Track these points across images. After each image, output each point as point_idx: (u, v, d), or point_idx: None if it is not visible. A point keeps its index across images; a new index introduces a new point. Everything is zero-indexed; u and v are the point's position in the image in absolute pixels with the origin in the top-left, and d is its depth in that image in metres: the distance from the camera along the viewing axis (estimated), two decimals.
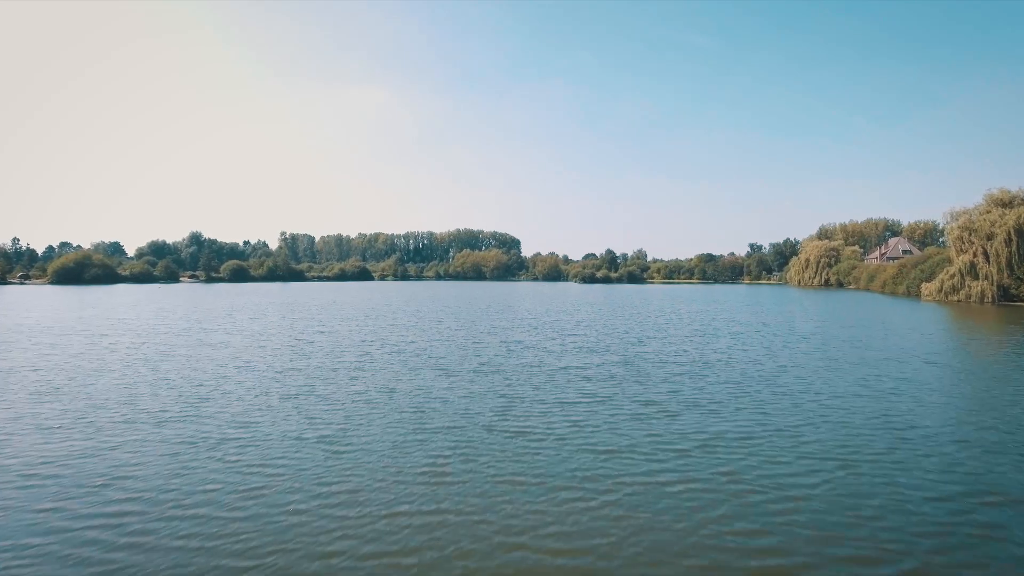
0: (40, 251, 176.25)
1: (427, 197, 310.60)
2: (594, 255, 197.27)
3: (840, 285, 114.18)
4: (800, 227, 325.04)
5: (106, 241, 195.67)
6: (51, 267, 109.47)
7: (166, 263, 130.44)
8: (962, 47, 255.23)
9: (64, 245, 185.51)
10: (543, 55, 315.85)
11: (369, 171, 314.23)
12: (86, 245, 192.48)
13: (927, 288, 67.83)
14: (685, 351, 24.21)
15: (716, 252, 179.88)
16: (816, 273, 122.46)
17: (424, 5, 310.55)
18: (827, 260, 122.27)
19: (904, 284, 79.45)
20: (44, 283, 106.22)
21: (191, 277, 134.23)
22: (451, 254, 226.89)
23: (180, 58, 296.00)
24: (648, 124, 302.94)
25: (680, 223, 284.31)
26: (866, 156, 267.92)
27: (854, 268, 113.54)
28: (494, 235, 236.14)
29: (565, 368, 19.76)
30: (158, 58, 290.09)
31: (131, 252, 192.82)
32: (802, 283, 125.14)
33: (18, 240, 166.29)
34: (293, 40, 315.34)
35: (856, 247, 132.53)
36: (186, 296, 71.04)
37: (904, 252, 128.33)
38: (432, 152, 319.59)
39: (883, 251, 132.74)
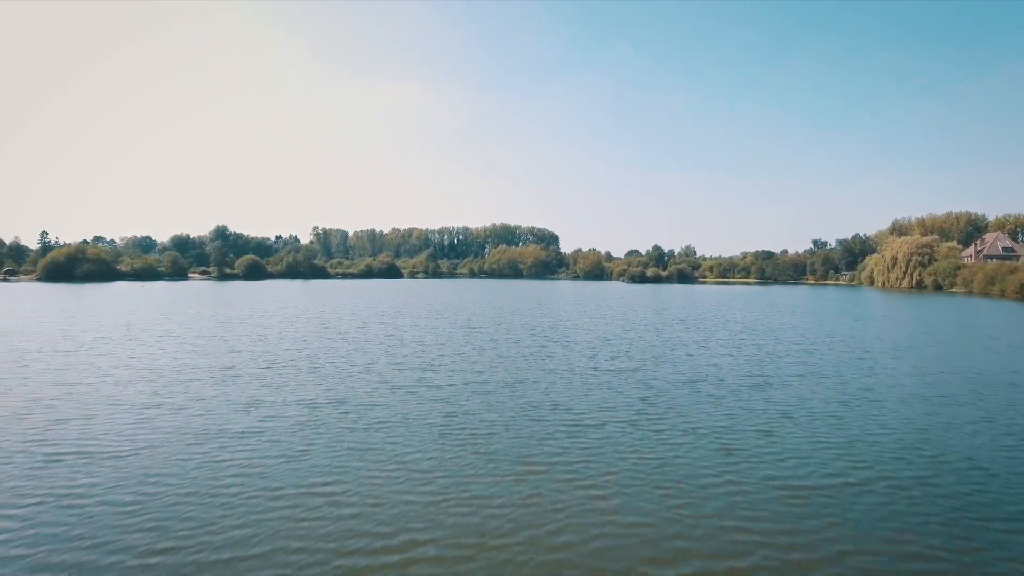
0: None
1: (464, 192, 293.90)
2: (638, 252, 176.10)
3: (938, 288, 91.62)
4: (861, 223, 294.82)
5: (138, 236, 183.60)
6: (41, 262, 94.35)
7: (171, 257, 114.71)
8: (979, 44, 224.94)
9: (98, 239, 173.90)
10: (583, 50, 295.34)
11: (406, 166, 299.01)
12: (118, 240, 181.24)
13: None
14: None
15: (767, 249, 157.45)
16: (905, 273, 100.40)
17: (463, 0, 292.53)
18: (920, 258, 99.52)
19: None
20: (32, 279, 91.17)
21: (202, 273, 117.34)
22: (487, 250, 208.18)
23: (218, 48, 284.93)
24: (689, 118, 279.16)
25: (726, 219, 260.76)
26: (920, 149, 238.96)
27: (958, 268, 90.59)
28: (532, 230, 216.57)
29: None
30: (172, 52, 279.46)
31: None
32: (887, 284, 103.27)
33: (46, 234, 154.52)
34: (334, 35, 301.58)
35: (954, 243, 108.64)
36: (135, 300, 53.40)
37: (1004, 250, 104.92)
38: (470, 147, 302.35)
39: (979, 248, 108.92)
